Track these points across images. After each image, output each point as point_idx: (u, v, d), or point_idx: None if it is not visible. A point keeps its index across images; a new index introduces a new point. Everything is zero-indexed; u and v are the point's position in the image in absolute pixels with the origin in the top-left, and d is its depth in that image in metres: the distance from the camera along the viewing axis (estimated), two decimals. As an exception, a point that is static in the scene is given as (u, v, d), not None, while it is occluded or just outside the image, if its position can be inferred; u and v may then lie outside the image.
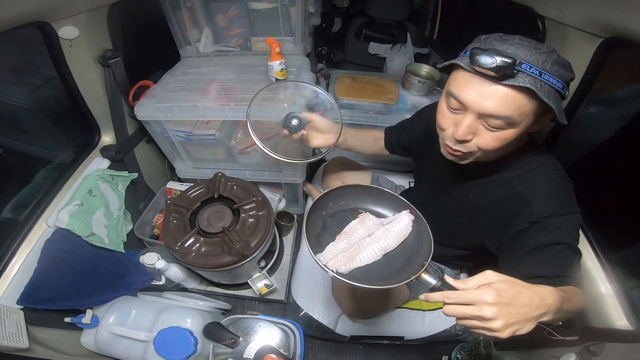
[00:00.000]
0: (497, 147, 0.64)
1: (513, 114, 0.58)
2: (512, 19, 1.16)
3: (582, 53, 0.92)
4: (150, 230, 1.41)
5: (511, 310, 0.48)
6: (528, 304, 0.50)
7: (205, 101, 1.16)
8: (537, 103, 0.59)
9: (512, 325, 0.48)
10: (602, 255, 0.90)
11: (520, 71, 0.56)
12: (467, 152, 0.67)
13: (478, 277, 0.52)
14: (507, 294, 0.49)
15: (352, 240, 0.68)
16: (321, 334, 1.18)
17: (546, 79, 0.56)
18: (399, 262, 0.67)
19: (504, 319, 0.48)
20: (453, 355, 1.25)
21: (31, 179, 1.16)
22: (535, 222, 0.67)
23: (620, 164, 1.01)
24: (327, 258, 0.64)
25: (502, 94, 0.57)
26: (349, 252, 0.66)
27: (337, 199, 0.74)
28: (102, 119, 1.22)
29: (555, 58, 0.58)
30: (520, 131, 0.62)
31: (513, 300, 0.49)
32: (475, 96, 0.60)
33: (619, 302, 0.84)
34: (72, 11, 0.96)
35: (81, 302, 1.00)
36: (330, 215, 0.74)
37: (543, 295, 0.52)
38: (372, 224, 0.71)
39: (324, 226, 0.72)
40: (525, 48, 0.57)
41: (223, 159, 1.39)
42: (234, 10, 1.33)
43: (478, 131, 0.63)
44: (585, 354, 0.85)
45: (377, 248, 0.66)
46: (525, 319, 0.50)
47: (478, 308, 0.48)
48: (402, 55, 2.22)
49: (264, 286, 1.16)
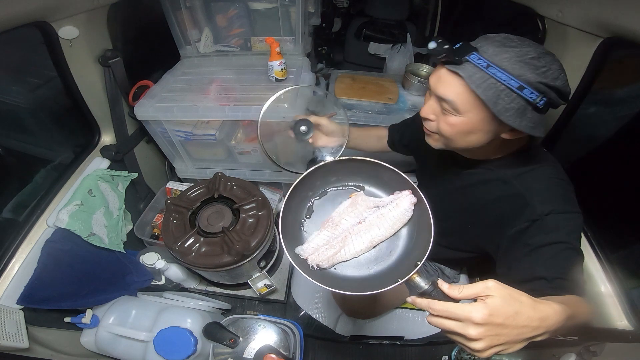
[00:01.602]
0: (451, 134, 0.67)
1: (454, 99, 0.62)
2: (512, 19, 1.16)
3: (582, 53, 0.92)
4: (150, 230, 1.41)
5: (500, 332, 0.44)
6: (524, 326, 0.45)
7: (205, 101, 1.16)
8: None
9: (496, 347, 0.45)
10: (602, 255, 0.90)
11: (467, 61, 0.58)
12: (431, 131, 0.72)
13: (478, 287, 0.46)
14: (501, 314, 0.44)
15: (339, 228, 0.58)
16: (321, 334, 1.18)
17: (492, 73, 0.57)
18: (391, 256, 0.58)
19: (488, 341, 0.44)
20: (453, 355, 1.24)
21: (31, 179, 1.16)
22: (535, 221, 0.66)
23: (620, 163, 1.01)
24: (308, 252, 0.56)
25: (446, 79, 0.62)
26: (334, 243, 0.57)
27: (327, 175, 0.63)
28: (102, 119, 1.22)
29: (525, 58, 0.57)
30: (472, 122, 0.64)
31: (506, 321, 0.44)
32: (433, 79, 0.66)
33: (619, 302, 0.84)
34: (72, 11, 0.96)
35: (81, 302, 1.00)
36: (318, 195, 0.63)
37: (546, 317, 0.47)
38: (365, 207, 0.60)
39: (310, 211, 0.62)
40: (497, 44, 0.59)
41: (223, 159, 1.39)
42: (234, 10, 1.33)
43: (438, 114, 0.68)
44: (585, 354, 0.85)
45: (367, 239, 0.57)
46: (515, 340, 0.46)
47: (463, 325, 0.44)
48: (402, 55, 2.22)
49: (264, 286, 1.16)
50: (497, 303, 0.44)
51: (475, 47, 0.59)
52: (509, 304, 0.44)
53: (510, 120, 0.59)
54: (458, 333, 0.45)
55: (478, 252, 0.87)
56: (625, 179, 0.98)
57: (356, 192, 0.64)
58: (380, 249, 0.59)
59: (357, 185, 0.65)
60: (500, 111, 0.58)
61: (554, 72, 0.58)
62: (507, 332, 0.44)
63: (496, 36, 0.61)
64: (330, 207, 0.62)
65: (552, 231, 0.64)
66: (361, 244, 0.57)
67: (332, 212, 0.61)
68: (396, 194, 0.61)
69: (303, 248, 0.57)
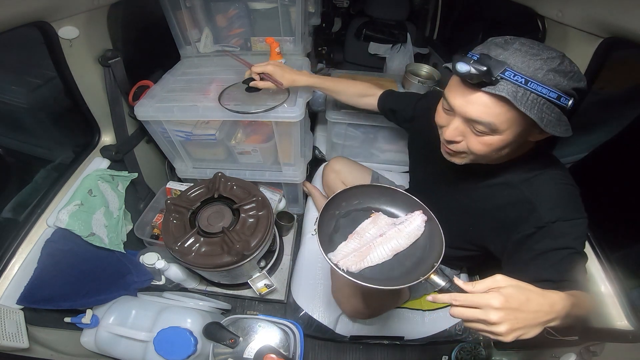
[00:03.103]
0: (485, 152, 0.65)
1: (494, 121, 0.59)
2: (512, 19, 1.16)
3: (582, 53, 0.92)
4: (150, 230, 1.41)
5: (518, 316, 0.49)
6: (537, 310, 0.50)
7: (205, 101, 1.16)
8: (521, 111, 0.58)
9: (517, 330, 0.49)
10: (602, 255, 0.90)
11: (503, 78, 0.56)
12: (458, 152, 0.69)
13: (487, 281, 0.52)
14: (515, 300, 0.49)
15: (363, 239, 0.68)
16: (321, 334, 1.18)
17: (533, 88, 0.55)
18: (409, 262, 0.67)
19: (509, 324, 0.48)
20: (453, 355, 1.25)
21: (31, 179, 1.16)
22: (542, 227, 0.67)
23: (620, 164, 1.01)
24: (338, 257, 0.65)
25: (482, 101, 0.59)
26: (360, 252, 0.66)
27: (350, 198, 0.74)
28: (102, 119, 1.22)
29: (554, 65, 0.56)
30: (509, 138, 0.62)
31: (521, 306, 0.49)
32: (460, 100, 0.61)
33: (619, 302, 0.84)
34: (72, 11, 0.96)
35: (81, 302, 1.00)
36: (343, 215, 0.74)
37: (554, 302, 0.52)
38: (385, 224, 0.70)
39: (337, 226, 0.72)
40: (521, 54, 0.56)
41: (223, 159, 1.39)
42: (234, 10, 1.33)
43: (467, 134, 0.65)
44: (585, 354, 0.85)
45: (388, 248, 0.67)
46: (532, 324, 0.50)
47: (484, 312, 0.48)
48: (402, 55, 2.22)
49: (264, 286, 1.16)
50: (510, 291, 0.49)
51: (503, 62, 0.56)
52: (520, 292, 0.50)
53: (553, 129, 0.57)
54: (481, 320, 0.49)
55: (480, 250, 0.87)
56: (626, 179, 0.98)
57: (375, 212, 0.73)
58: (400, 257, 0.67)
59: (376, 207, 0.75)
60: (546, 125, 0.57)
61: (577, 74, 0.58)
62: (524, 317, 0.49)
63: (510, 42, 0.58)
64: (354, 224, 0.72)
65: (558, 237, 0.65)
66: (383, 252, 0.66)
67: (356, 227, 0.71)
68: (409, 214, 0.72)
69: (334, 254, 0.66)
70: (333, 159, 1.45)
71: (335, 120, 1.44)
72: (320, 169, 1.56)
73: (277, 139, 1.23)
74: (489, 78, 0.55)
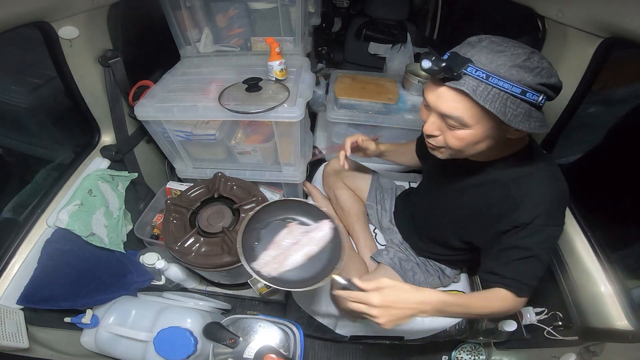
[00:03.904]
0: (460, 147, 0.67)
1: (462, 115, 0.62)
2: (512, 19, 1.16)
3: (582, 53, 0.92)
4: (150, 230, 1.41)
5: (391, 311, 0.65)
6: (405, 307, 0.65)
7: (205, 101, 1.16)
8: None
9: (392, 321, 0.65)
10: (602, 255, 0.90)
11: (466, 74, 0.58)
12: (437, 146, 0.72)
13: (375, 282, 0.66)
14: (389, 299, 0.64)
15: (281, 248, 0.78)
16: (321, 334, 1.18)
17: (494, 83, 0.57)
18: (320, 264, 0.77)
19: (386, 318, 0.64)
20: (453, 355, 1.25)
21: (31, 179, 1.16)
22: (517, 227, 0.70)
23: (620, 163, 1.01)
24: (261, 265, 0.74)
25: (449, 96, 0.62)
26: (278, 259, 0.76)
27: (270, 212, 0.85)
28: (102, 119, 1.22)
29: (518, 61, 0.57)
30: (480, 132, 0.64)
31: (394, 304, 0.65)
32: (432, 96, 0.65)
33: (619, 302, 0.83)
34: (72, 11, 0.95)
35: (81, 302, 1.00)
36: (263, 227, 0.84)
37: (423, 300, 0.66)
38: (298, 233, 0.81)
39: (259, 237, 0.82)
40: (487, 51, 0.58)
41: (223, 159, 1.39)
42: (234, 10, 1.33)
43: (443, 129, 0.68)
44: (585, 354, 0.85)
45: (302, 254, 0.77)
46: (402, 316, 0.65)
47: (368, 308, 0.65)
48: (402, 55, 2.21)
49: (264, 286, 1.16)
50: (387, 291, 0.65)
51: (468, 58, 0.58)
52: (394, 292, 0.65)
53: (520, 125, 0.59)
54: (366, 313, 0.65)
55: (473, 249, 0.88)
56: (625, 179, 0.98)
57: (291, 223, 0.84)
58: (313, 260, 0.78)
59: (292, 217, 0.86)
60: (510, 119, 0.58)
61: (546, 70, 0.59)
62: (396, 312, 0.65)
63: (480, 40, 0.61)
64: (273, 234, 0.82)
65: (525, 238, 0.70)
66: (298, 258, 0.77)
67: (274, 237, 0.81)
68: (319, 222, 0.82)
69: (257, 263, 0.75)
70: (333, 159, 1.45)
71: (335, 120, 1.44)
72: (321, 168, 1.56)
73: (277, 139, 1.23)
74: (450, 73, 0.58)
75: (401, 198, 1.30)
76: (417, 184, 1.40)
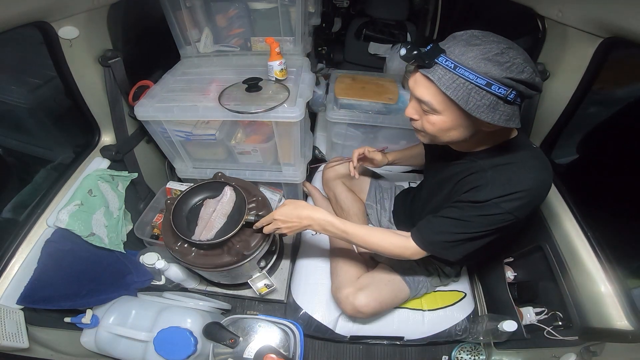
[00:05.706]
0: (433, 132, 0.73)
1: (431, 100, 0.67)
2: (512, 19, 1.16)
3: (582, 53, 0.92)
4: (150, 230, 1.41)
5: (287, 224, 0.88)
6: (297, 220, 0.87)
7: (205, 101, 1.16)
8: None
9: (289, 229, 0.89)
10: (602, 255, 0.90)
11: (436, 63, 0.63)
12: (418, 129, 0.78)
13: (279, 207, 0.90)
14: (284, 213, 0.88)
15: (206, 219, 1.01)
16: (321, 334, 1.18)
17: (460, 73, 0.60)
18: (237, 216, 1.00)
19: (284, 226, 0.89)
20: (453, 355, 1.25)
21: (31, 179, 1.16)
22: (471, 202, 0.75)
23: (620, 163, 1.01)
24: (197, 235, 0.98)
25: (421, 82, 0.67)
26: (208, 226, 0.99)
27: (187, 200, 1.07)
28: (102, 119, 1.22)
29: (489, 55, 0.59)
30: (449, 119, 0.68)
31: (288, 218, 0.88)
32: (412, 81, 0.70)
33: (619, 302, 0.83)
34: (72, 11, 0.96)
35: (81, 302, 1.00)
36: (187, 212, 1.06)
37: (309, 216, 0.87)
38: (213, 203, 1.04)
39: (188, 220, 1.04)
40: (463, 43, 0.61)
41: (223, 159, 1.39)
42: (234, 10, 1.33)
43: (421, 113, 0.74)
44: (585, 354, 0.85)
45: (221, 215, 1.01)
46: (295, 226, 0.88)
47: (274, 224, 0.90)
48: (402, 55, 2.21)
49: (264, 286, 1.16)
50: (283, 209, 0.89)
51: (443, 49, 0.62)
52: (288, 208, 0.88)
53: (483, 115, 0.62)
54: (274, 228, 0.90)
55: None
56: (625, 179, 0.98)
57: (207, 200, 1.07)
58: (232, 216, 1.03)
59: (205, 197, 1.08)
60: (472, 109, 0.61)
61: (518, 66, 0.60)
62: (289, 224, 0.88)
63: (463, 34, 0.64)
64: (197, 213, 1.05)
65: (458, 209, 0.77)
66: (221, 219, 1.01)
67: (198, 215, 1.04)
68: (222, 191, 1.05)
69: (195, 236, 0.98)
70: (333, 158, 1.45)
71: (335, 120, 1.44)
72: (321, 168, 1.56)
73: (277, 139, 1.23)
74: (422, 62, 0.63)
75: (400, 197, 1.30)
76: (416, 183, 1.40)
